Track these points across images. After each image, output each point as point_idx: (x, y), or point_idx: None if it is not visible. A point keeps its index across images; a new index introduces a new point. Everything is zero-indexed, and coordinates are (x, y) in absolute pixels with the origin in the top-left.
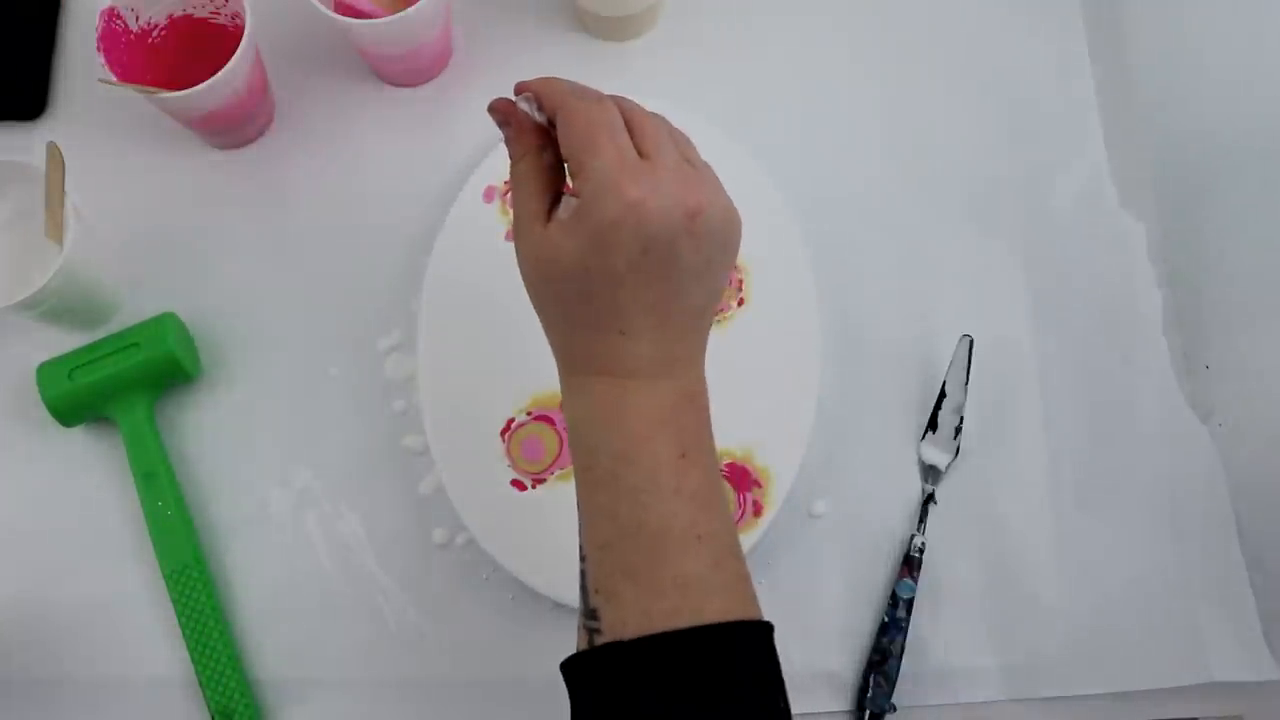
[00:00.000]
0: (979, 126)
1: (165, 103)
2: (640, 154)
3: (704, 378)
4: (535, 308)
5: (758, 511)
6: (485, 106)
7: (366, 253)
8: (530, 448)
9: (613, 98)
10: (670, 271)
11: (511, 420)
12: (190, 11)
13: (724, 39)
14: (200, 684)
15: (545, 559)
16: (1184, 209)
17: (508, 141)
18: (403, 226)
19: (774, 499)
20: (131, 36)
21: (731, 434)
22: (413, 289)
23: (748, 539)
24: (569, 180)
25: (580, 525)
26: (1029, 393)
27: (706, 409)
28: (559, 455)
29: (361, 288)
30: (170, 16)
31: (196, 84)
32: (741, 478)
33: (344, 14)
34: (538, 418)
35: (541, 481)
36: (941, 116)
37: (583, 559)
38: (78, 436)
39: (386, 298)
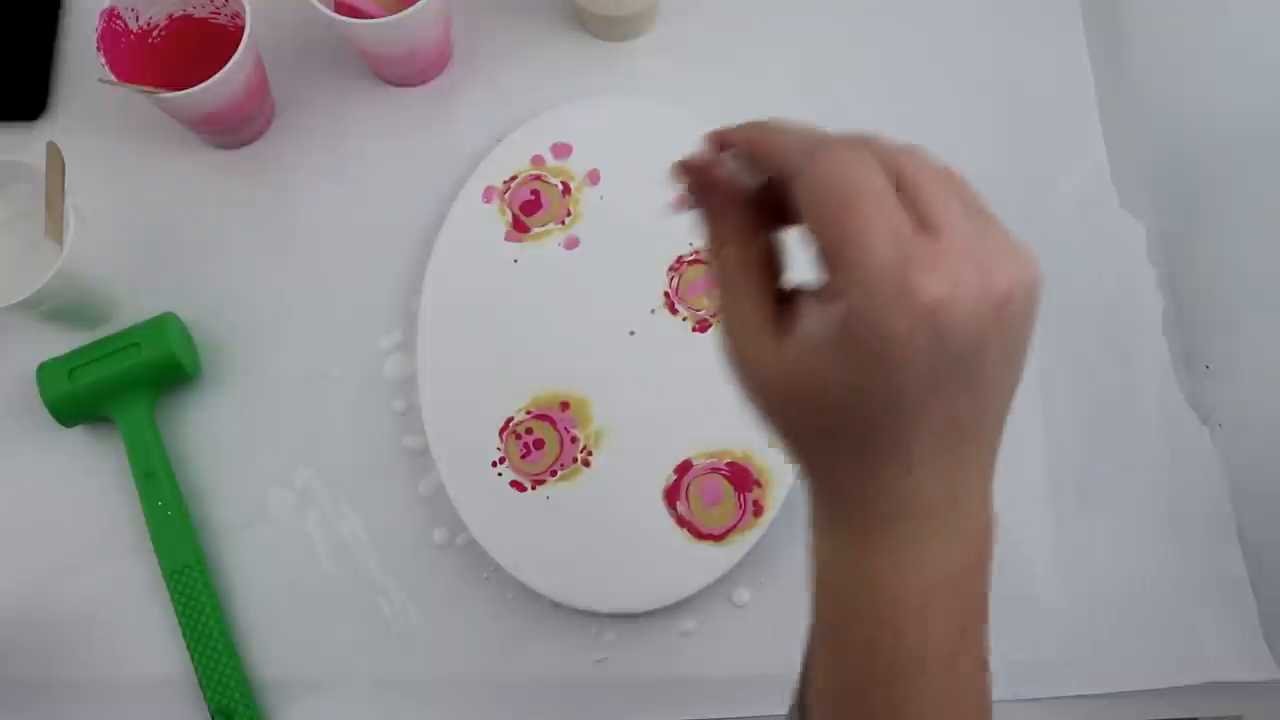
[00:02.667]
0: (979, 126)
1: (165, 103)
2: (922, 224)
3: (994, 520)
4: (777, 434)
5: (758, 512)
6: (476, 114)
7: (366, 253)
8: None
9: (859, 139)
10: (974, 381)
11: (511, 420)
12: (190, 11)
13: (723, 39)
14: (200, 684)
15: (545, 559)
16: (1184, 209)
17: (705, 218)
18: (403, 226)
19: (774, 499)
20: (131, 36)
21: (731, 434)
22: (413, 289)
23: (748, 539)
24: (815, 265)
25: (808, 676)
26: (1029, 393)
27: (992, 562)
28: (559, 455)
29: (361, 288)
30: (170, 16)
31: (196, 84)
32: (742, 478)
33: (344, 14)
34: (537, 417)
35: (541, 483)
36: (941, 117)
37: (803, 707)
38: (78, 436)
39: (386, 298)
